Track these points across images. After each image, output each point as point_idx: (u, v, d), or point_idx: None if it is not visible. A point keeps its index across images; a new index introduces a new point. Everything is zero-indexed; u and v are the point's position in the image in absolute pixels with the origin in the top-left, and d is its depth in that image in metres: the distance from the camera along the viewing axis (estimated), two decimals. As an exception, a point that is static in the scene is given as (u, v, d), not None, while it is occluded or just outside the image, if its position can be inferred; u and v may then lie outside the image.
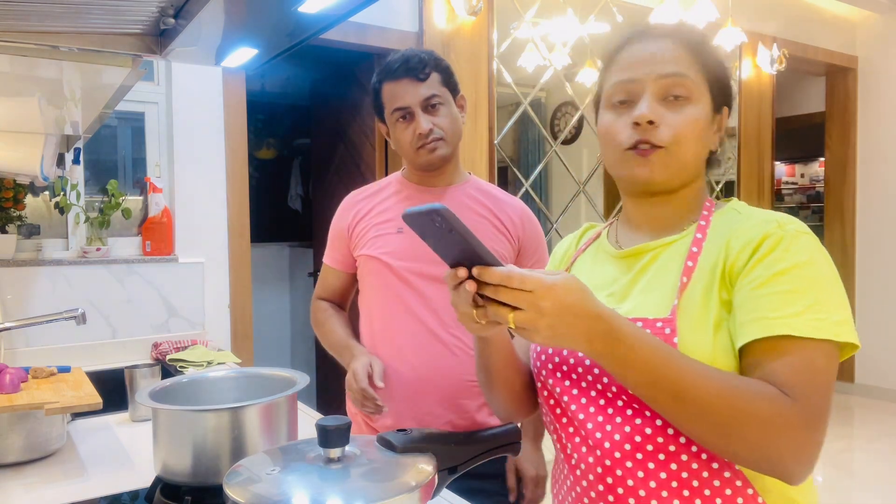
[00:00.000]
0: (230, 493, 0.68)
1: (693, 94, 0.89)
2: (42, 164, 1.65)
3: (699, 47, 0.92)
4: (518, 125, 3.72)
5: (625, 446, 0.84)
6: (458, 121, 1.55)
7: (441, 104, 1.51)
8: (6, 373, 1.37)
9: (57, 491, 1.22)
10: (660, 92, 0.89)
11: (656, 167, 0.89)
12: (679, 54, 0.90)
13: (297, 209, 4.94)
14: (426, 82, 1.49)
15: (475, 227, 1.50)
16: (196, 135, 2.65)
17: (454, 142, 1.54)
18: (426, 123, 1.49)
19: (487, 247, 0.74)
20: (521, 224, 1.56)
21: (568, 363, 0.92)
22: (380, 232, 1.57)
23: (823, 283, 0.80)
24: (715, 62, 0.93)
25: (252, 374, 1.29)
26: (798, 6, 4.79)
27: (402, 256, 1.52)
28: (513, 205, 1.59)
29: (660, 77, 0.89)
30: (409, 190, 1.59)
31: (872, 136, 5.15)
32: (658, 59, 0.90)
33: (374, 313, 1.58)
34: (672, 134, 0.88)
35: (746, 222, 0.86)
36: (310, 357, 4.34)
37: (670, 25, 0.95)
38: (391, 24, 3.10)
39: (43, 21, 0.99)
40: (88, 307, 2.31)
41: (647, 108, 0.88)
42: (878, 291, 5.05)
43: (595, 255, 1.03)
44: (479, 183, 1.62)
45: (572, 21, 3.64)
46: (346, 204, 1.66)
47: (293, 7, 0.89)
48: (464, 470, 0.82)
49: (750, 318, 0.79)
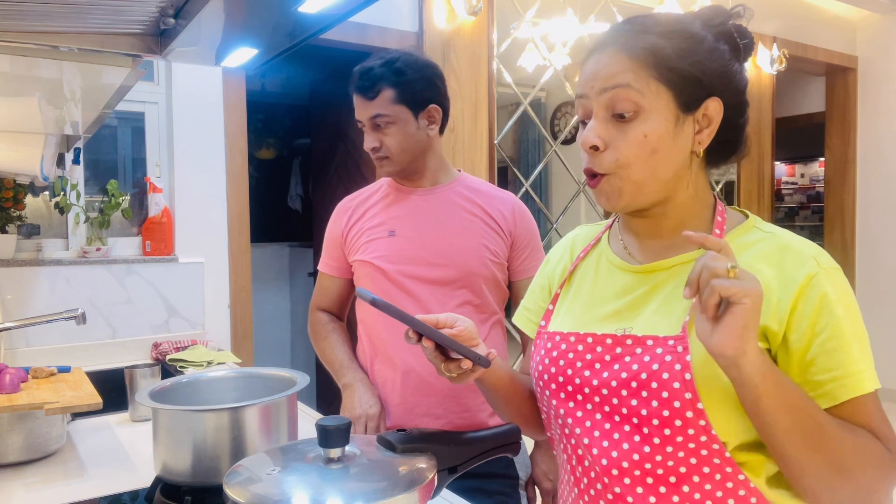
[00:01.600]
0: (230, 493, 0.68)
1: (642, 105, 0.82)
2: (42, 164, 1.65)
3: (649, 46, 0.83)
4: (518, 125, 3.72)
5: (623, 464, 0.83)
6: (411, 137, 1.51)
7: (389, 123, 1.50)
8: (6, 373, 1.37)
9: (57, 491, 1.21)
10: (605, 109, 0.84)
11: (608, 195, 0.86)
12: (620, 62, 0.83)
13: (297, 209, 4.94)
14: (374, 101, 1.50)
15: (467, 226, 1.52)
16: (196, 135, 2.65)
17: (403, 158, 1.51)
18: (369, 141, 1.53)
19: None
20: (512, 218, 1.55)
21: (573, 383, 0.89)
22: (372, 236, 1.57)
23: (861, 328, 0.80)
24: (675, 54, 0.82)
25: (252, 374, 1.29)
26: (798, 6, 4.79)
27: (395, 260, 1.52)
28: (503, 199, 1.58)
29: (601, 92, 0.83)
30: (397, 193, 1.59)
31: (872, 136, 5.14)
32: (600, 73, 0.84)
33: (369, 318, 1.58)
34: (615, 159, 0.83)
35: (787, 253, 0.82)
36: (310, 357, 4.34)
37: (615, 29, 0.88)
38: (391, 24, 3.09)
39: (43, 21, 0.99)
40: (88, 307, 2.31)
41: (592, 131, 0.84)
42: (878, 291, 5.05)
43: (598, 262, 0.98)
44: (469, 180, 1.61)
45: (572, 21, 3.64)
46: (339, 209, 1.67)
47: (293, 7, 0.89)
48: (464, 470, 0.82)
49: (827, 378, 0.77)
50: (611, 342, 0.86)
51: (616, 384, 0.84)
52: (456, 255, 1.50)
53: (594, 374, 0.87)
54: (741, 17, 0.90)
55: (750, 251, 0.84)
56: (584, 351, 0.88)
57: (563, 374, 0.90)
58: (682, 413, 0.78)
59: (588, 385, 0.87)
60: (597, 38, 0.89)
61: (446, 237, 1.51)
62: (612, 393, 0.84)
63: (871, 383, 0.77)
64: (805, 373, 0.78)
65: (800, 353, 0.78)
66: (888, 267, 5.04)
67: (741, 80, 0.88)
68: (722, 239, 0.73)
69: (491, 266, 1.51)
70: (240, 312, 2.75)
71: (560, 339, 0.92)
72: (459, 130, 3.25)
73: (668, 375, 0.79)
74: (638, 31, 0.85)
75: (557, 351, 0.91)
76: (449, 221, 1.53)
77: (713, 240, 0.70)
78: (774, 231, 0.86)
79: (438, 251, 1.51)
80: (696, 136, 0.85)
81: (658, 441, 0.81)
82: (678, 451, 0.80)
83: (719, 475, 0.79)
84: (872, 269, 5.13)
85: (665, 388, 0.79)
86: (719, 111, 0.85)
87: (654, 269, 0.89)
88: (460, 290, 1.50)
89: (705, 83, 0.84)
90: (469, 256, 1.50)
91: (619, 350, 0.85)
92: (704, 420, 0.78)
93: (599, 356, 0.87)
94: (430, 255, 1.51)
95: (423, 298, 1.50)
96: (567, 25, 3.64)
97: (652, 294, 0.88)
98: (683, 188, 0.87)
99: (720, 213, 0.88)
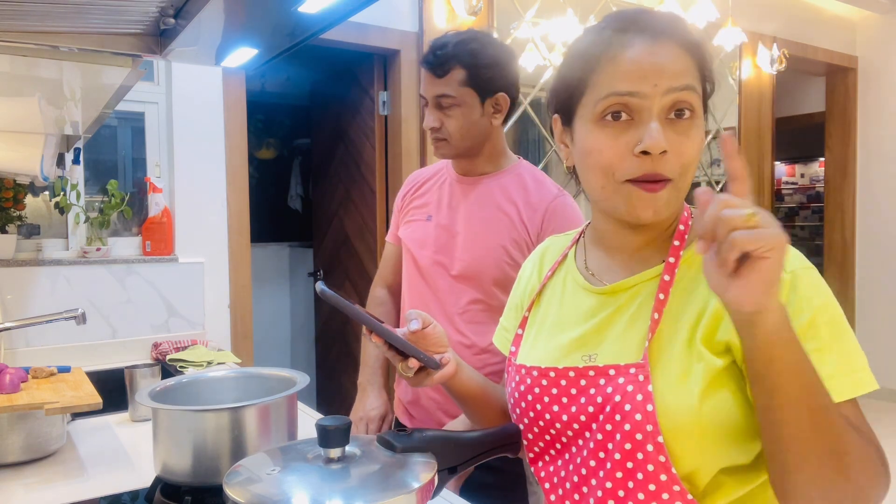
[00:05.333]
0: (230, 493, 0.68)
1: (697, 111, 0.77)
2: (42, 164, 1.65)
3: (701, 50, 0.78)
4: (518, 125, 3.71)
5: (590, 501, 0.80)
6: (474, 123, 1.46)
7: (454, 105, 1.44)
8: (6, 373, 1.37)
9: (57, 491, 1.21)
10: (666, 110, 0.76)
11: (661, 204, 0.77)
12: (682, 58, 0.76)
13: (297, 209, 4.94)
14: (443, 79, 1.43)
15: (493, 223, 1.47)
16: (196, 135, 2.65)
17: (462, 144, 1.47)
18: (429, 121, 1.47)
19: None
20: (540, 221, 1.46)
21: (544, 418, 0.85)
22: (414, 217, 1.57)
23: (841, 329, 0.73)
24: (710, 64, 0.80)
25: (252, 374, 1.29)
26: (798, 6, 4.79)
27: (425, 245, 1.52)
28: (542, 197, 1.48)
29: (669, 91, 0.75)
30: (449, 177, 1.58)
31: (872, 136, 5.15)
32: (666, 69, 0.75)
33: (403, 296, 1.62)
34: (681, 164, 0.76)
35: None
36: (310, 357, 4.34)
37: (668, 19, 0.79)
38: (391, 24, 3.09)
39: (43, 21, 0.99)
40: (88, 307, 2.31)
41: (659, 133, 0.74)
42: (877, 292, 5.04)
43: (564, 283, 0.93)
44: (522, 172, 1.53)
45: (572, 21, 3.64)
46: (408, 179, 1.68)
47: (293, 7, 0.89)
48: (464, 470, 0.82)
49: None
50: (574, 374, 0.82)
51: (585, 419, 0.80)
52: (474, 251, 1.47)
53: (563, 409, 0.83)
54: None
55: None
56: (548, 385, 0.84)
57: (534, 409, 0.86)
58: (644, 446, 0.74)
59: (558, 420, 0.83)
60: (635, 22, 0.78)
61: (471, 231, 1.48)
62: (582, 427, 0.81)
63: (847, 391, 0.71)
64: None
65: None
66: (888, 267, 5.03)
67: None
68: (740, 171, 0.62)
69: (506, 268, 1.45)
70: (240, 312, 2.75)
71: (525, 372, 0.88)
72: (459, 130, 3.25)
73: (630, 407, 0.75)
74: (689, 28, 0.78)
75: (524, 385, 0.88)
76: (478, 216, 1.49)
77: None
78: None
79: (460, 245, 1.49)
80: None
81: (620, 476, 0.76)
82: (638, 490, 0.75)
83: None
84: (872, 269, 5.12)
85: (627, 421, 0.75)
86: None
87: (617, 290, 0.84)
88: (471, 287, 1.48)
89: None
90: (483, 255, 1.47)
91: (583, 382, 0.81)
92: (664, 456, 0.73)
93: (565, 390, 0.83)
94: (453, 247, 1.49)
95: (442, 289, 1.49)
96: (567, 25, 3.63)
97: (616, 316, 0.83)
98: None
99: (683, 221, 0.83)
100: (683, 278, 0.80)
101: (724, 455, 0.74)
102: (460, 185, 1.54)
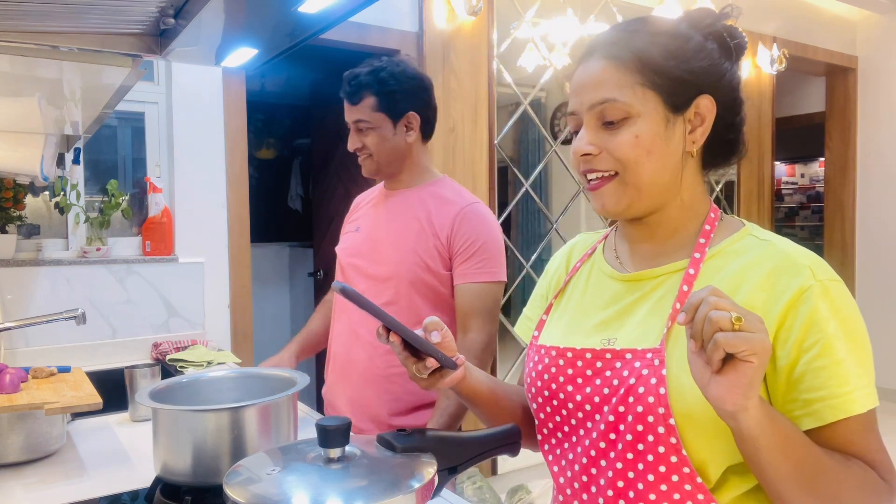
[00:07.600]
0: (230, 493, 0.68)
1: (630, 112, 0.82)
2: (42, 164, 1.65)
3: (635, 51, 0.83)
4: (518, 125, 3.71)
5: (600, 481, 0.82)
6: (389, 142, 1.61)
7: (370, 129, 1.60)
8: (6, 373, 1.37)
9: (57, 491, 1.22)
10: (595, 119, 0.84)
11: (607, 198, 0.85)
12: (606, 71, 0.83)
13: (297, 209, 4.94)
14: (357, 106, 1.60)
15: (407, 230, 1.61)
16: (196, 135, 2.65)
17: (385, 160, 1.63)
18: (352, 142, 1.65)
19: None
20: (450, 226, 1.56)
21: (557, 398, 0.88)
22: (348, 230, 1.75)
23: (861, 343, 0.77)
24: (660, 56, 0.83)
25: (252, 374, 1.29)
26: (798, 6, 4.79)
27: (350, 253, 1.68)
28: (452, 206, 1.58)
29: (591, 107, 0.84)
30: (379, 192, 1.74)
31: (872, 136, 5.15)
32: (586, 87, 0.85)
33: (334, 304, 1.77)
34: (615, 159, 0.83)
35: (781, 263, 0.79)
36: (310, 357, 4.34)
37: (601, 36, 0.88)
38: (391, 24, 3.09)
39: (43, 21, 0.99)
40: (88, 307, 2.31)
41: (583, 140, 0.85)
42: (878, 291, 5.04)
43: (590, 272, 0.97)
44: (439, 186, 1.65)
45: (572, 21, 3.64)
46: (354, 202, 1.86)
47: (293, 7, 0.89)
48: (464, 470, 0.82)
49: (815, 397, 0.74)
50: (591, 356, 0.85)
51: (599, 400, 0.83)
52: (392, 255, 1.59)
53: (577, 390, 0.86)
54: (730, 17, 0.89)
55: (741, 259, 0.81)
56: (565, 366, 0.88)
57: (549, 388, 0.89)
58: (655, 428, 0.77)
59: (571, 400, 0.86)
60: (584, 46, 0.89)
61: (389, 238, 1.62)
62: (594, 409, 0.84)
63: (863, 404, 0.74)
64: (792, 390, 0.76)
65: (787, 370, 0.76)
66: (888, 267, 5.04)
67: (733, 78, 0.88)
68: (711, 286, 0.67)
69: (418, 271, 1.56)
70: (240, 312, 2.75)
71: (544, 352, 0.92)
72: (459, 130, 3.25)
73: (644, 389, 0.78)
74: (623, 37, 0.85)
75: (542, 365, 0.91)
76: (396, 224, 1.63)
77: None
78: (770, 239, 0.83)
79: (380, 249, 1.62)
80: (688, 136, 0.85)
81: (631, 457, 0.79)
82: (648, 472, 0.78)
83: (690, 503, 0.77)
84: (872, 269, 5.13)
85: (640, 403, 0.78)
86: (711, 109, 0.85)
87: (642, 277, 0.88)
88: (388, 289, 1.58)
89: (693, 82, 0.83)
90: (399, 259, 1.58)
91: (599, 364, 0.84)
92: (675, 438, 0.76)
93: (581, 371, 0.86)
94: (372, 252, 1.63)
95: (360, 290, 1.55)
96: (567, 25, 3.64)
97: (639, 303, 0.86)
98: (679, 193, 0.87)
99: (710, 222, 0.86)
100: (707, 274, 0.83)
101: (732, 450, 0.76)
102: (385, 198, 1.70)
